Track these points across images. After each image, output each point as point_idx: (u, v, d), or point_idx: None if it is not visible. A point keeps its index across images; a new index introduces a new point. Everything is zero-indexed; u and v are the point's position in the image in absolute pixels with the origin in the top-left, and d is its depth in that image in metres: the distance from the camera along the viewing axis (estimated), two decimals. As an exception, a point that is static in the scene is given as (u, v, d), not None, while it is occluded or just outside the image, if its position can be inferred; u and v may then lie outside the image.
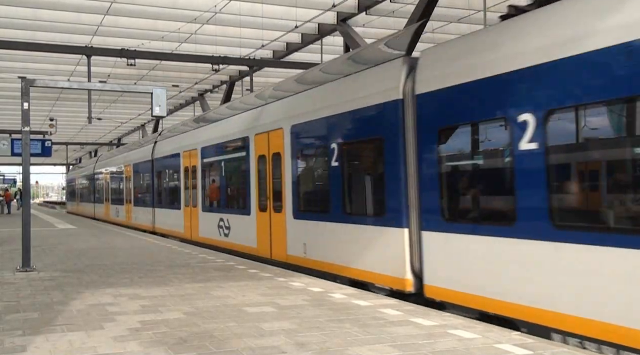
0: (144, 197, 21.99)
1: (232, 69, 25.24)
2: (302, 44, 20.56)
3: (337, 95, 9.26)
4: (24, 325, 5.77)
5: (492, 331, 5.29)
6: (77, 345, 5.00)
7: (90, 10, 17.39)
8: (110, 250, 12.95)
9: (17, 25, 18.64)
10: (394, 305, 6.51)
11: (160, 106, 11.76)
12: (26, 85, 10.42)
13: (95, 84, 17.24)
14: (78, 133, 50.85)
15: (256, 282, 8.25)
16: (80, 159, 67.52)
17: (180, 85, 28.48)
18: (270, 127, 11.46)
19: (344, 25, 17.84)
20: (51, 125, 30.67)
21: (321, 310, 6.27)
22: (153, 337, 5.21)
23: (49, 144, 24.63)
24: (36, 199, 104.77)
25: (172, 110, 36.04)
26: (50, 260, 11.23)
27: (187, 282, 8.36)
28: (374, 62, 8.69)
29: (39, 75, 23.81)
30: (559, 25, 5.57)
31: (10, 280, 8.79)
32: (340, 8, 16.94)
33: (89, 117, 18.77)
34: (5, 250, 13.26)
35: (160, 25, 18.89)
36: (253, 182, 12.11)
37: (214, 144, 14.43)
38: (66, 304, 6.90)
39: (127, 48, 19.26)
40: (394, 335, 5.17)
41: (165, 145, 19.51)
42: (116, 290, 7.80)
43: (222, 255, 11.73)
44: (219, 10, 17.09)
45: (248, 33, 19.38)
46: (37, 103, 30.53)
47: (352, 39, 17.36)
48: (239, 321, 5.82)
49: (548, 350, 4.66)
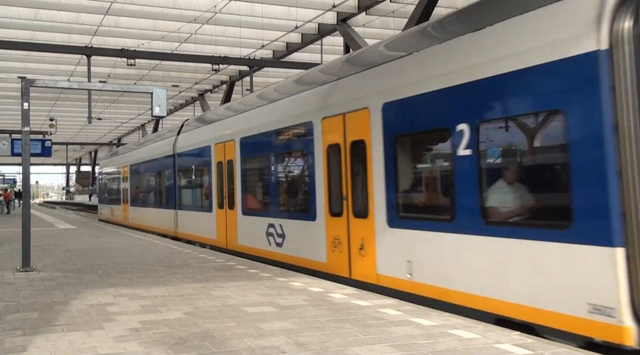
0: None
1: (232, 69, 25.26)
2: (302, 44, 20.58)
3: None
4: (24, 325, 5.77)
5: (492, 331, 5.29)
6: (77, 345, 5.00)
7: (90, 10, 17.40)
8: (110, 251, 12.95)
9: (17, 25, 18.65)
10: (394, 305, 6.51)
11: (160, 106, 11.75)
12: (26, 85, 10.42)
13: (95, 84, 17.25)
14: (78, 133, 50.87)
15: (256, 282, 8.25)
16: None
17: (180, 85, 28.51)
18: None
19: (344, 25, 17.85)
20: (51, 125, 30.69)
21: (321, 310, 6.27)
22: (153, 337, 5.21)
23: (49, 144, 24.62)
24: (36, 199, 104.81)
25: (172, 110, 36.07)
26: (50, 260, 11.24)
27: (187, 282, 8.36)
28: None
29: (39, 75, 23.81)
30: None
31: (10, 280, 8.79)
32: (340, 8, 16.96)
33: (89, 117, 18.78)
34: (5, 250, 13.26)
35: (160, 25, 18.91)
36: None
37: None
38: (66, 304, 6.90)
39: (127, 48, 19.29)
40: (394, 335, 5.17)
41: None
42: (116, 290, 7.80)
43: (222, 255, 11.73)
44: (219, 11, 17.11)
45: (248, 33, 19.40)
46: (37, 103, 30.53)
47: (352, 39, 17.37)
48: (239, 321, 5.82)
49: (548, 351, 4.66)
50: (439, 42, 7.08)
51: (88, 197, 69.08)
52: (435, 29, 7.77)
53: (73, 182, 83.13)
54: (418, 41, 7.78)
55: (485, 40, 6.27)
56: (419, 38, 7.91)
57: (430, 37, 7.65)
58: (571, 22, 5.20)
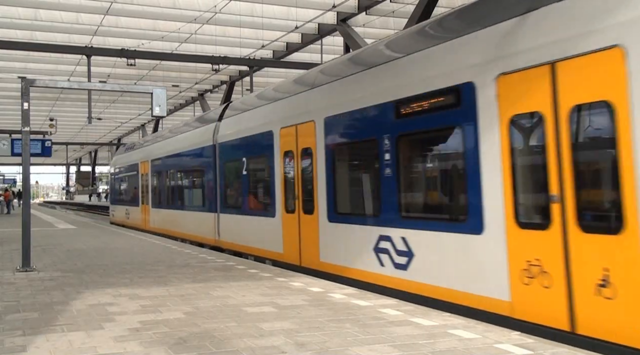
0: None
1: (232, 69, 25.27)
2: (302, 44, 20.59)
3: None
4: (24, 325, 5.77)
5: (492, 331, 5.29)
6: (77, 345, 5.00)
7: (90, 10, 17.42)
8: (110, 251, 12.95)
9: (17, 25, 18.67)
10: (394, 305, 6.51)
11: (160, 106, 11.75)
12: (26, 85, 10.42)
13: (95, 84, 17.25)
14: (78, 133, 50.88)
15: (256, 282, 8.25)
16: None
17: (180, 85, 28.52)
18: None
19: (344, 25, 17.86)
20: (51, 125, 30.71)
21: (321, 310, 6.27)
22: (153, 337, 5.21)
23: (49, 144, 24.62)
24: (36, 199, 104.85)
25: (172, 110, 36.09)
26: (50, 260, 11.24)
27: (187, 282, 8.36)
28: None
29: (39, 75, 23.84)
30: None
31: (10, 280, 8.79)
32: (340, 8, 16.97)
33: (89, 117, 18.78)
34: (5, 250, 13.26)
35: (160, 25, 18.92)
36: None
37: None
38: (66, 304, 6.90)
39: (127, 48, 19.29)
40: (394, 335, 5.17)
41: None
42: (116, 290, 7.80)
43: (222, 255, 11.71)
44: (219, 11, 17.12)
45: (248, 33, 19.41)
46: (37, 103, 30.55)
47: (352, 39, 17.37)
48: (239, 321, 5.83)
49: (548, 351, 4.66)
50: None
51: (88, 197, 69.15)
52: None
53: (73, 182, 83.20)
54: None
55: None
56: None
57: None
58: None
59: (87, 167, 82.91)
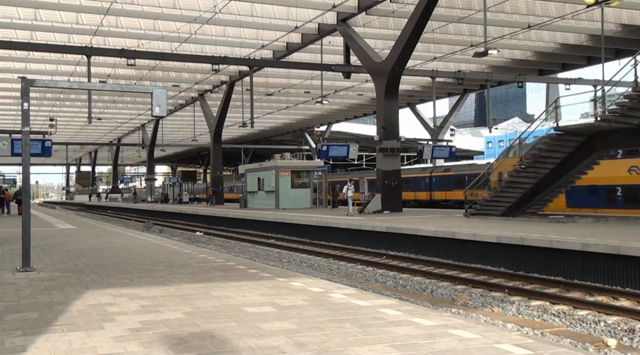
0: None
1: (232, 69, 25.26)
2: (302, 44, 20.59)
3: None
4: (24, 325, 5.76)
5: (492, 331, 5.29)
6: (77, 345, 5.00)
7: (90, 10, 17.42)
8: (110, 251, 12.94)
9: (17, 25, 18.67)
10: (393, 305, 6.51)
11: (160, 106, 11.73)
12: (26, 85, 10.41)
13: (95, 84, 17.24)
14: (78, 133, 50.85)
15: (256, 282, 8.25)
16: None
17: (180, 85, 28.52)
18: None
19: (344, 25, 17.86)
20: (51, 125, 30.70)
21: (321, 310, 6.27)
22: (153, 337, 5.21)
23: (49, 144, 24.60)
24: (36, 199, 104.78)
25: (172, 110, 36.07)
26: (50, 261, 11.23)
27: (187, 282, 8.35)
28: None
29: (39, 75, 23.81)
30: None
31: (10, 280, 8.79)
32: (340, 8, 16.98)
33: (89, 117, 18.76)
34: (5, 250, 13.25)
35: (160, 25, 18.92)
36: None
37: None
38: (66, 304, 6.90)
39: (127, 48, 19.28)
40: (394, 336, 5.17)
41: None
42: (116, 290, 7.80)
43: (222, 255, 11.70)
44: (219, 11, 17.12)
45: (248, 33, 19.42)
46: (37, 103, 30.52)
47: (352, 39, 17.37)
48: (239, 321, 5.82)
49: (548, 351, 4.66)
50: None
51: (88, 197, 69.13)
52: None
53: (73, 182, 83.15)
54: None
55: None
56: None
57: None
58: None
59: (87, 167, 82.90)
